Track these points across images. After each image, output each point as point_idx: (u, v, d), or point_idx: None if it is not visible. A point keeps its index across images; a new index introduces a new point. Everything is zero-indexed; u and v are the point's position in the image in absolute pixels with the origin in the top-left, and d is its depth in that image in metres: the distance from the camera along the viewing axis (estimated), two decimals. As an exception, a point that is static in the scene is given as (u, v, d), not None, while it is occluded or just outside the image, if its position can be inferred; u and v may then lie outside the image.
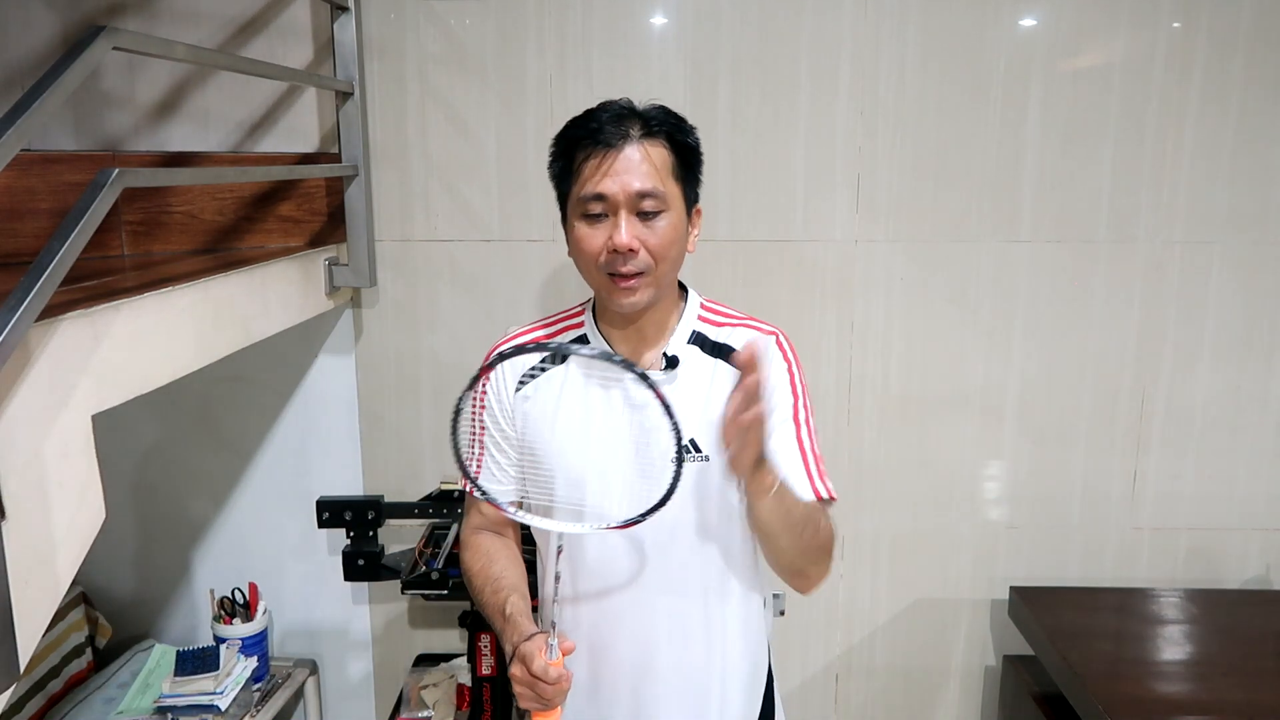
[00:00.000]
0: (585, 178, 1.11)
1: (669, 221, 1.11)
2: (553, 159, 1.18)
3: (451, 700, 1.84)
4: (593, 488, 1.15)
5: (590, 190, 1.10)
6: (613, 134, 1.10)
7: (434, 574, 1.70)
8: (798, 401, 1.20)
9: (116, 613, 2.02)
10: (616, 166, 1.09)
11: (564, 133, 1.16)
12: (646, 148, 1.10)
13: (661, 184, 1.10)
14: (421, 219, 1.89)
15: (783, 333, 1.23)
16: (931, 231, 1.87)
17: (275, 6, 1.76)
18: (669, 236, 1.11)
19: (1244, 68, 1.79)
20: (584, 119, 1.14)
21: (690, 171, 1.16)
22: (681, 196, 1.14)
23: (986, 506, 1.98)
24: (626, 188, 1.09)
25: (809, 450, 1.20)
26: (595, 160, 1.10)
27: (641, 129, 1.11)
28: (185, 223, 1.76)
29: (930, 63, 1.81)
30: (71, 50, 0.95)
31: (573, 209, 1.14)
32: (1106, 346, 1.91)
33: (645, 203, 1.09)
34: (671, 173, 1.12)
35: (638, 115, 1.12)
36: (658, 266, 1.11)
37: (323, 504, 1.77)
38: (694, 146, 1.16)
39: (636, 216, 1.10)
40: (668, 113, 1.15)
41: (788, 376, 1.20)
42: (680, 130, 1.14)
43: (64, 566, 0.95)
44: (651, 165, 1.10)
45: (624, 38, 1.81)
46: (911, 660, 2.05)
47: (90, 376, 1.00)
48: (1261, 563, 1.98)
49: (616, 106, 1.14)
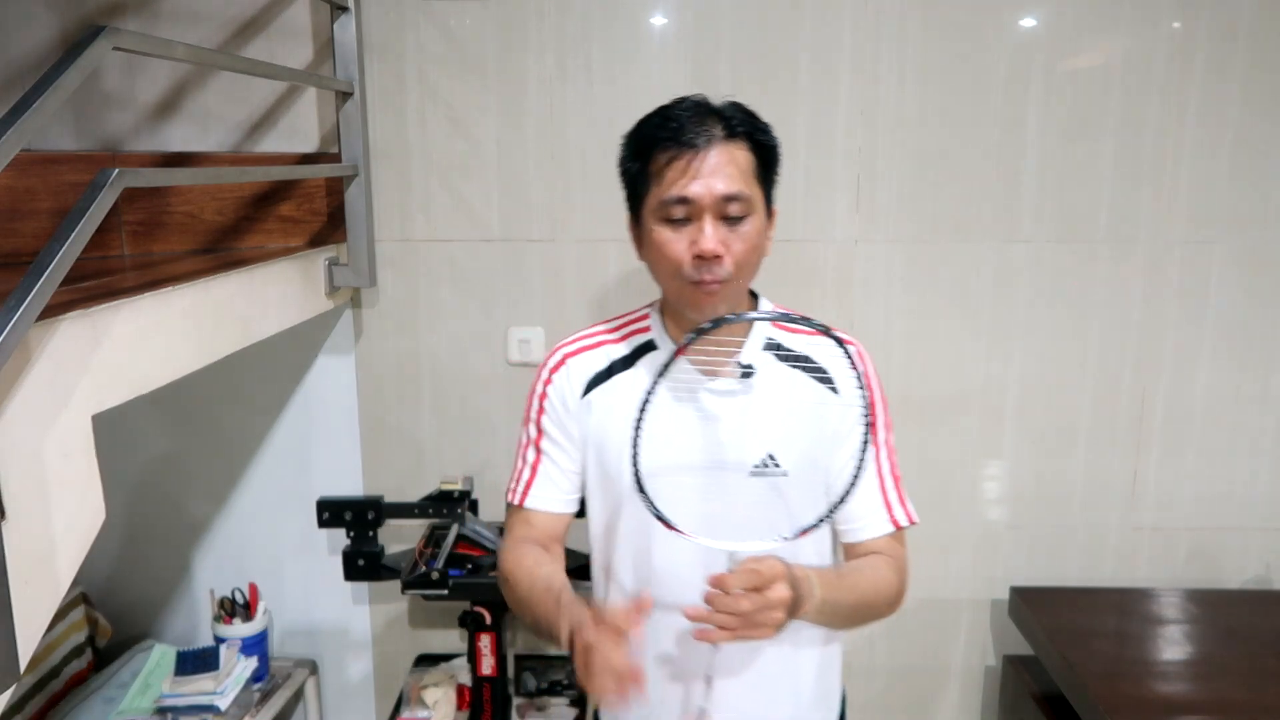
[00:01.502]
0: (668, 181, 1.06)
1: (753, 226, 1.07)
2: (628, 158, 1.12)
3: (451, 700, 1.84)
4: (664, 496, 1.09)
5: (674, 194, 1.05)
6: (696, 134, 1.05)
7: (434, 574, 1.69)
8: (876, 421, 1.16)
9: (116, 613, 2.02)
10: (701, 170, 1.04)
11: (640, 131, 1.11)
12: (731, 149, 1.06)
13: (747, 187, 1.06)
14: (421, 219, 1.89)
15: (861, 346, 1.18)
16: (931, 231, 1.87)
17: (275, 6, 1.76)
18: (753, 241, 1.08)
19: (1244, 68, 1.79)
20: (661, 117, 1.09)
21: (770, 172, 1.12)
22: (763, 198, 1.10)
23: (987, 506, 1.98)
24: (713, 191, 1.04)
25: (887, 473, 1.17)
26: (680, 162, 1.05)
27: (724, 129, 1.06)
28: (185, 223, 1.76)
29: (930, 63, 1.81)
30: (71, 50, 0.94)
31: (651, 212, 1.09)
32: (1106, 346, 1.91)
33: (731, 207, 1.05)
34: (754, 174, 1.08)
35: (717, 113, 1.08)
36: (741, 274, 1.07)
37: (323, 504, 1.77)
38: (774, 146, 1.12)
39: (722, 221, 1.05)
40: (747, 111, 1.11)
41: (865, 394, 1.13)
42: (760, 130, 1.10)
43: (64, 566, 0.95)
44: (737, 168, 1.05)
45: (624, 38, 1.81)
46: (911, 660, 2.05)
47: (90, 376, 1.00)
48: (1261, 563, 1.98)
49: (693, 103, 1.09)
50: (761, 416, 1.12)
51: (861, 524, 1.18)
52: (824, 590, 1.04)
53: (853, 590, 1.10)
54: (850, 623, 1.14)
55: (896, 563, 1.17)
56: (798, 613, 1.01)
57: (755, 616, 0.96)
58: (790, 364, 1.15)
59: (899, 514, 1.18)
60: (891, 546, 1.19)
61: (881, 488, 1.17)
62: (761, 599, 0.95)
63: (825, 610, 1.05)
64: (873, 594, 1.12)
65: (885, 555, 1.17)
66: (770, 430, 1.13)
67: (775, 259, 1.86)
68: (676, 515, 1.07)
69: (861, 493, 1.15)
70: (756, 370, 1.13)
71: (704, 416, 1.12)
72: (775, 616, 0.96)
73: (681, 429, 1.13)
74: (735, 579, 0.96)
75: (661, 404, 1.09)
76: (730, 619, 0.96)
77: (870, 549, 1.18)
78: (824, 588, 1.04)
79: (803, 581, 1.02)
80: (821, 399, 1.15)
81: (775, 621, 0.96)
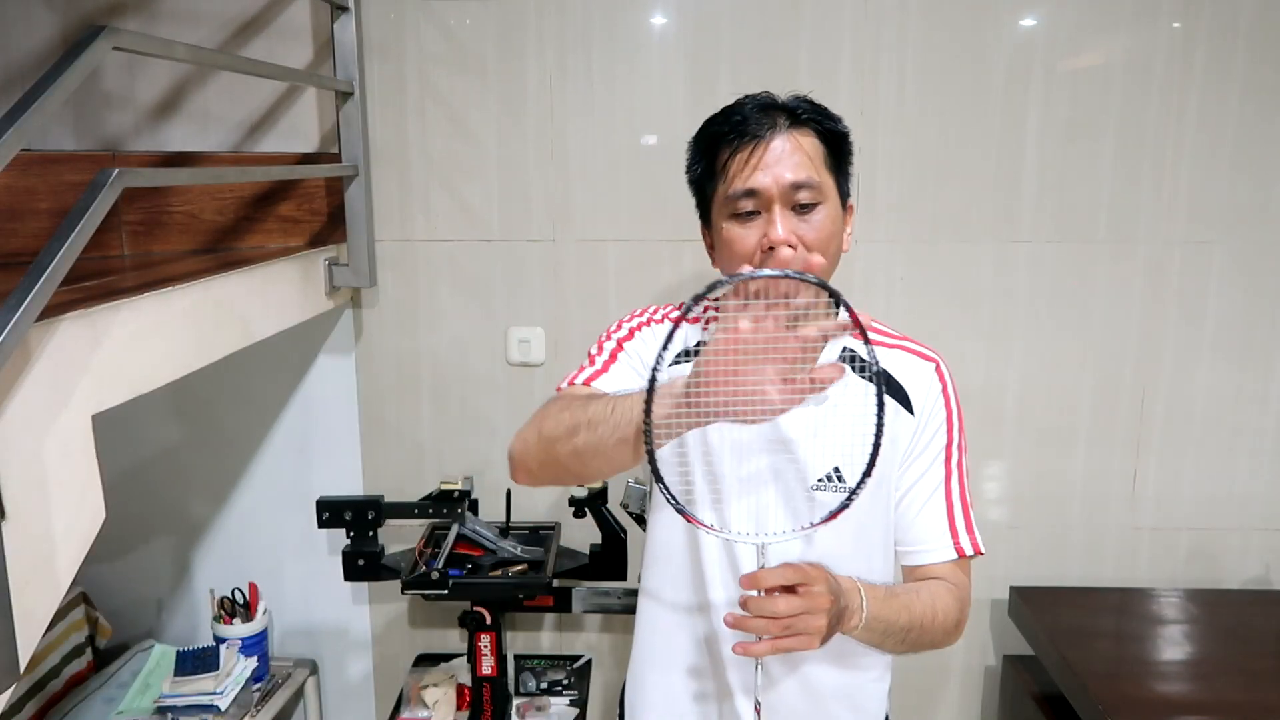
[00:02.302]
0: (733, 174, 1.02)
1: (826, 214, 1.03)
2: (693, 160, 1.10)
3: (451, 700, 1.84)
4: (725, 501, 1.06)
5: (740, 187, 1.02)
6: (759, 125, 1.02)
7: (434, 574, 1.69)
8: (951, 443, 1.11)
9: (116, 613, 2.02)
10: (767, 159, 1.01)
11: (704, 131, 1.08)
12: (797, 137, 1.02)
13: (816, 174, 1.02)
14: (421, 219, 1.88)
15: (944, 361, 1.14)
16: (931, 231, 1.87)
17: (275, 6, 1.76)
18: (827, 230, 1.03)
19: (1244, 68, 1.79)
20: (725, 115, 1.06)
21: (842, 162, 1.08)
22: (836, 188, 1.06)
23: (987, 506, 1.98)
24: (780, 179, 1.00)
25: (956, 499, 1.10)
26: (743, 154, 1.02)
27: (789, 119, 1.03)
28: (185, 223, 1.76)
29: (930, 63, 1.81)
30: (71, 50, 0.95)
31: (719, 209, 1.06)
32: (1106, 346, 1.91)
33: (800, 194, 1.01)
34: (824, 163, 1.04)
35: (782, 106, 1.05)
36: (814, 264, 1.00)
37: (323, 504, 1.77)
38: (844, 134, 1.08)
39: (792, 211, 1.01)
40: (813, 102, 1.08)
41: (944, 413, 1.11)
42: (828, 118, 1.07)
43: (64, 566, 0.95)
44: (804, 155, 1.02)
45: (624, 38, 1.81)
46: (911, 660, 2.04)
47: (90, 376, 1.00)
48: (1261, 563, 1.98)
49: (757, 99, 1.06)
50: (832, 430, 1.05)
51: (924, 548, 1.11)
52: (873, 605, 0.99)
53: (906, 610, 1.03)
54: (903, 646, 1.06)
55: (958, 591, 1.10)
56: (844, 625, 0.95)
57: (796, 623, 0.89)
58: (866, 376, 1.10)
59: (964, 542, 1.10)
60: (954, 573, 1.11)
61: (949, 513, 1.10)
62: (801, 602, 0.89)
63: (875, 628, 1.00)
64: (928, 618, 1.05)
65: (946, 582, 1.11)
66: (840, 445, 1.05)
67: (775, 259, 1.88)
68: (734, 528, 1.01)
69: (926, 516, 1.10)
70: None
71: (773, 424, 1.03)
72: (817, 624, 0.90)
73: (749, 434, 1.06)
74: (769, 576, 0.90)
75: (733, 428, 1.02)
76: (766, 623, 0.89)
77: (931, 574, 1.12)
78: (874, 602, 0.99)
79: (850, 592, 0.97)
80: (895, 417, 1.09)
81: (817, 629, 0.90)
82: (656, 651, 1.18)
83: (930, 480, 1.10)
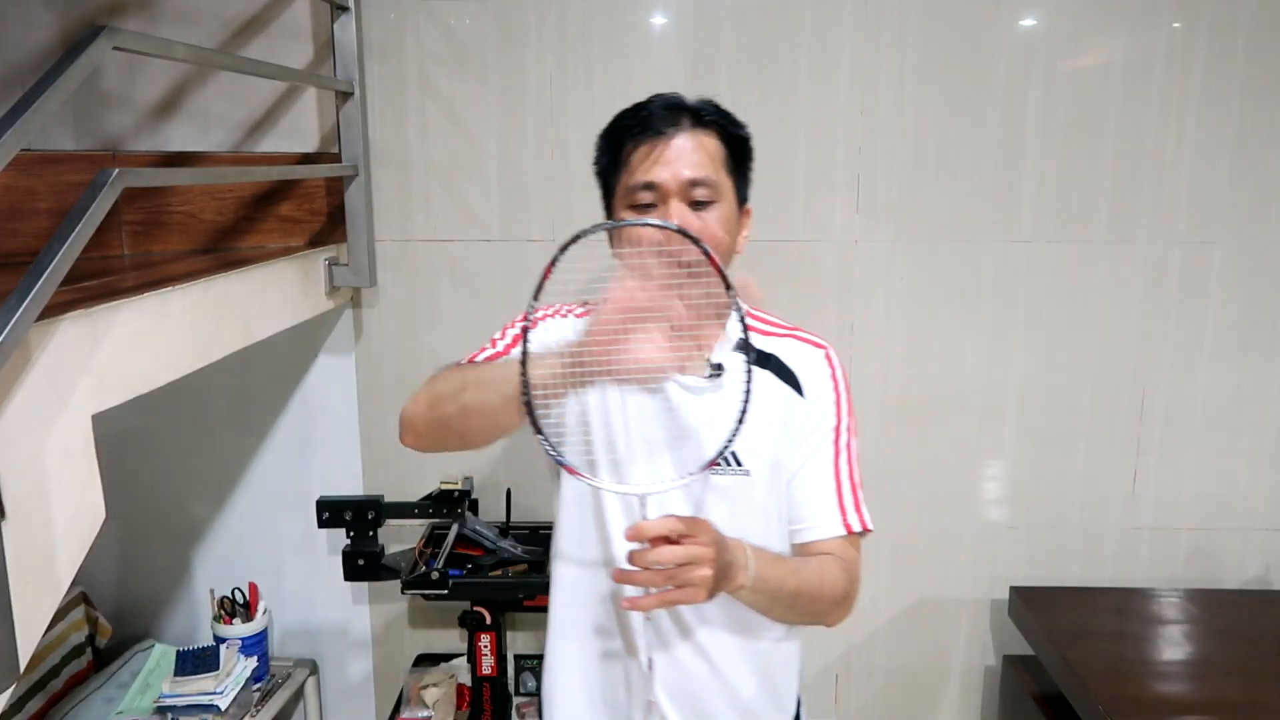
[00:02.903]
0: (634, 167, 1.07)
1: (721, 213, 1.07)
2: (600, 153, 1.14)
3: (451, 700, 1.85)
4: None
5: (640, 179, 1.06)
6: (664, 122, 1.06)
7: (434, 574, 1.69)
8: (840, 424, 1.15)
9: (116, 613, 2.02)
10: (667, 155, 1.05)
11: (612, 125, 1.12)
12: (699, 136, 1.07)
13: (714, 173, 1.06)
14: (421, 219, 1.88)
15: (832, 348, 1.19)
16: (931, 231, 1.87)
17: (275, 6, 1.76)
18: (720, 229, 1.07)
19: (1244, 68, 1.79)
20: (633, 110, 1.10)
21: (742, 166, 1.12)
22: (733, 190, 1.10)
23: (986, 506, 1.98)
24: (678, 175, 1.05)
25: (845, 479, 1.14)
26: (645, 148, 1.06)
27: (693, 119, 1.08)
28: (185, 223, 1.76)
29: (930, 62, 1.81)
30: (71, 50, 0.95)
31: (620, 200, 1.10)
32: (1106, 346, 1.91)
33: (697, 191, 1.05)
34: (724, 164, 1.09)
35: (687, 107, 1.09)
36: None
37: (323, 504, 1.77)
38: (746, 139, 1.12)
39: (688, 206, 1.06)
40: (719, 106, 1.12)
41: (833, 396, 1.15)
42: (732, 123, 1.11)
43: (64, 566, 0.95)
44: (705, 154, 1.06)
45: (624, 38, 1.81)
46: (911, 660, 2.05)
47: (90, 376, 1.00)
48: (1261, 563, 1.98)
49: (665, 98, 1.10)
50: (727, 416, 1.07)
51: (813, 524, 1.14)
52: (760, 565, 1.00)
53: (794, 574, 1.06)
54: (791, 613, 1.09)
55: (848, 565, 1.13)
56: (731, 583, 0.97)
57: (680, 574, 0.90)
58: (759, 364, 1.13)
59: (852, 518, 1.13)
60: (843, 549, 1.14)
61: (838, 490, 1.14)
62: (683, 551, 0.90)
63: (763, 589, 1.01)
64: (815, 585, 1.07)
65: (835, 556, 1.13)
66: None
67: (775, 259, 1.89)
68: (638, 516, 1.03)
69: (816, 494, 1.14)
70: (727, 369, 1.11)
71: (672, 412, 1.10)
72: (701, 573, 0.91)
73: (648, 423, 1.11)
74: (652, 526, 0.91)
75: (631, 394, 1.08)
76: (650, 575, 0.91)
77: (821, 549, 1.14)
78: (760, 563, 1.01)
79: (735, 548, 0.98)
80: (788, 401, 1.14)
81: (702, 580, 0.91)
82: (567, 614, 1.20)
83: (819, 460, 1.14)
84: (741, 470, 1.11)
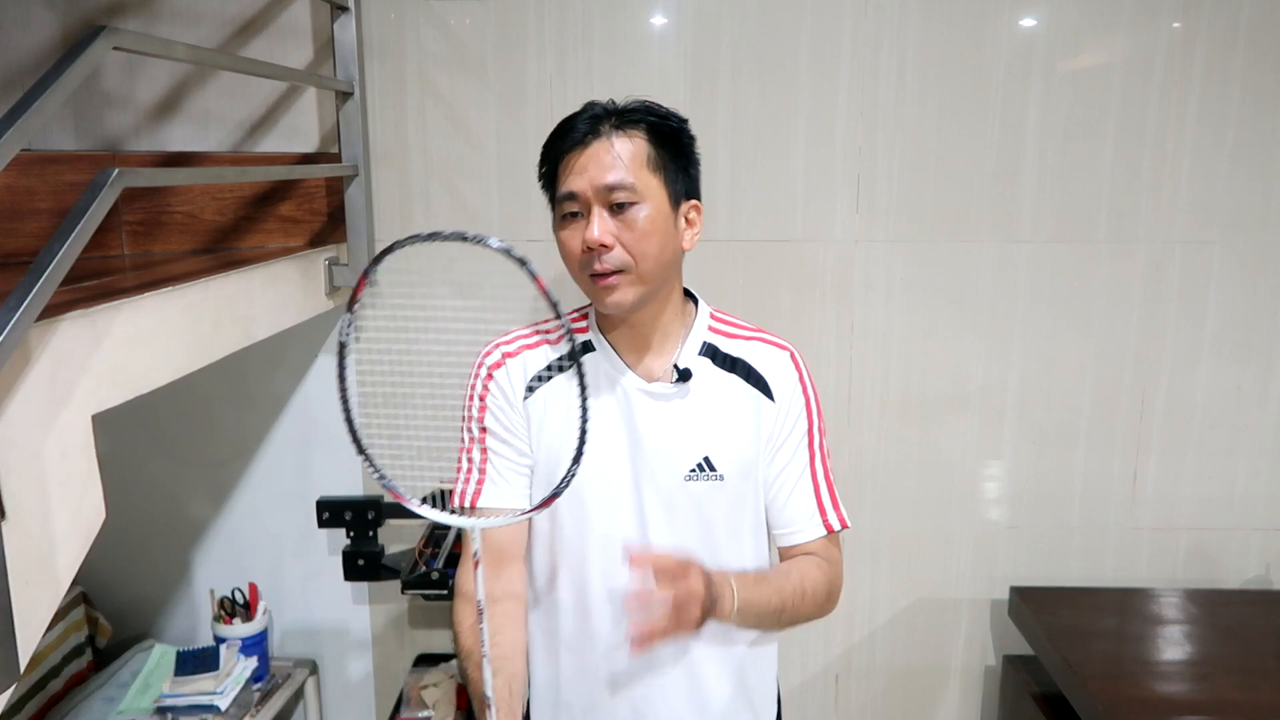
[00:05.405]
0: (560, 178, 1.09)
1: (645, 214, 1.07)
2: (539, 166, 1.15)
3: (451, 700, 1.85)
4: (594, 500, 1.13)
5: (562, 190, 1.09)
6: (584, 131, 1.08)
7: (434, 574, 1.69)
8: (811, 426, 1.18)
9: (116, 613, 2.02)
10: (583, 163, 1.07)
11: (548, 139, 1.14)
12: (615, 140, 1.07)
13: (631, 175, 1.06)
14: (421, 219, 1.88)
15: (796, 349, 1.20)
16: (931, 231, 1.87)
17: (275, 6, 1.76)
18: (645, 229, 1.07)
19: (1244, 68, 1.79)
20: (563, 122, 1.12)
21: (674, 162, 1.11)
22: (662, 188, 1.09)
23: (986, 506, 1.98)
24: (594, 182, 1.06)
25: (822, 480, 1.18)
26: (568, 159, 1.08)
27: (616, 122, 1.08)
28: (185, 223, 1.76)
29: (930, 63, 1.81)
30: (71, 50, 0.95)
31: (556, 212, 1.12)
32: (1106, 346, 1.91)
33: (616, 195, 1.06)
34: (647, 163, 1.08)
35: (614, 111, 1.10)
36: (638, 263, 1.07)
37: (323, 504, 1.77)
38: (675, 133, 1.11)
39: (609, 211, 1.06)
40: (649, 105, 1.12)
41: (802, 399, 1.17)
42: (661, 119, 1.10)
43: (64, 566, 0.95)
44: (618, 157, 1.06)
45: (624, 38, 1.81)
46: (911, 660, 2.05)
47: (90, 376, 1.00)
48: (1261, 563, 1.98)
49: (596, 106, 1.11)
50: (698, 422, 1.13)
51: (796, 528, 1.18)
52: (743, 591, 1.04)
53: (777, 593, 1.09)
54: (778, 625, 1.13)
55: (829, 565, 1.17)
56: (717, 614, 1.00)
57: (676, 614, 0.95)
58: (726, 369, 1.16)
59: (832, 518, 1.18)
60: (825, 549, 1.19)
61: (816, 493, 1.18)
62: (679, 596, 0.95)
63: (749, 612, 1.05)
64: (798, 597, 1.11)
65: (817, 557, 1.18)
66: (706, 436, 1.13)
67: (776, 259, 1.89)
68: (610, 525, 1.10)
69: (796, 498, 1.17)
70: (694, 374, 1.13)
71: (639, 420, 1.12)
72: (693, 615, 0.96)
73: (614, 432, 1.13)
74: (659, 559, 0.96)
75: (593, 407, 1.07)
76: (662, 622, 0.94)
77: (804, 551, 1.19)
78: (743, 589, 1.04)
79: (720, 582, 1.02)
80: (758, 406, 1.16)
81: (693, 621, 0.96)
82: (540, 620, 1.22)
83: (796, 465, 1.17)
84: (715, 475, 1.13)
